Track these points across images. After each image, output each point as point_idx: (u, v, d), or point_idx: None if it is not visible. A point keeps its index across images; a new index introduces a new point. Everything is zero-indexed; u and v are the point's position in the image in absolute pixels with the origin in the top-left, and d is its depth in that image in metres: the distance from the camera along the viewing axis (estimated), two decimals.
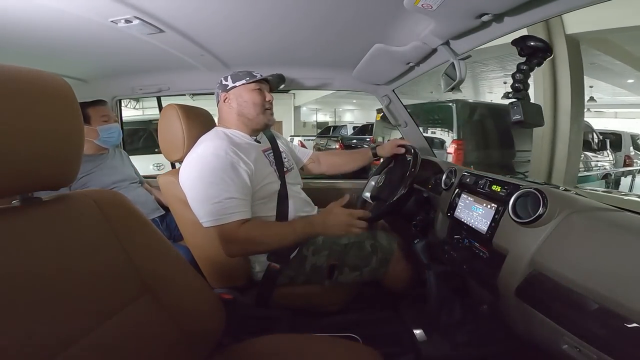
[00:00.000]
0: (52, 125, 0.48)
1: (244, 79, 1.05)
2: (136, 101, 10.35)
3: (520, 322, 0.73)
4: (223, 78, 1.08)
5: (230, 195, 0.91)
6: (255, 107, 1.05)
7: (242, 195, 0.93)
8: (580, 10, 0.65)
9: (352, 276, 1.06)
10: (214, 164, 0.91)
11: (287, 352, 0.71)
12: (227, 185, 0.91)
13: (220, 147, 0.93)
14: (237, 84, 1.05)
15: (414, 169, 1.09)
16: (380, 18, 0.90)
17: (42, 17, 0.87)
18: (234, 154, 0.94)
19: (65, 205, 0.54)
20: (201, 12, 0.88)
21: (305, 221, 0.98)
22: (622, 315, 0.48)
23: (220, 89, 1.08)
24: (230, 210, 0.90)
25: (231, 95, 1.06)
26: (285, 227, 0.99)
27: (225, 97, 1.06)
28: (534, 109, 0.79)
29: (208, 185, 0.90)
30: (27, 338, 0.42)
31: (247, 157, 0.97)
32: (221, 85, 1.07)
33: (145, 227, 0.64)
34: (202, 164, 0.92)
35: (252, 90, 1.06)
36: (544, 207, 0.65)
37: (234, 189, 0.91)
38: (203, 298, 0.69)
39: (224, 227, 0.90)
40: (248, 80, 1.05)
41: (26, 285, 0.44)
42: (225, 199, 0.90)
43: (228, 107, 1.07)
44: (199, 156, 0.94)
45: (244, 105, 1.05)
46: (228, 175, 0.91)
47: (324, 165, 1.43)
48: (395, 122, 1.58)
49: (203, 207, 0.91)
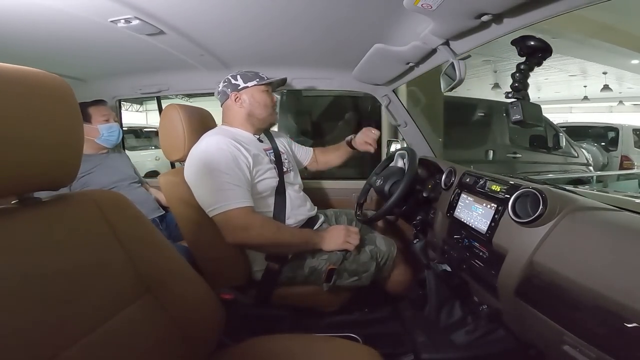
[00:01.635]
0: (52, 125, 0.48)
1: (254, 80, 1.08)
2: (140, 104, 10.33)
3: (520, 322, 0.73)
4: (231, 77, 1.09)
5: (234, 183, 0.94)
6: (266, 108, 1.10)
7: (244, 185, 0.96)
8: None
9: (351, 281, 1.07)
10: (216, 157, 0.94)
11: (287, 352, 0.71)
12: (229, 176, 0.94)
13: (222, 142, 0.97)
14: (250, 85, 1.07)
15: (412, 170, 1.10)
16: (380, 18, 0.90)
17: (41, 16, 0.87)
18: (235, 147, 0.97)
19: (65, 205, 0.54)
20: (201, 12, 0.88)
21: (312, 232, 1.09)
22: (622, 314, 0.48)
23: (229, 87, 1.08)
24: (234, 198, 0.93)
25: (243, 95, 1.08)
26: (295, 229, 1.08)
27: (236, 97, 1.07)
28: (534, 109, 0.79)
29: (212, 177, 0.93)
30: (28, 338, 0.42)
31: (247, 151, 1.00)
32: (230, 84, 1.08)
33: (145, 227, 0.64)
34: (205, 158, 0.95)
35: (262, 92, 1.10)
36: (544, 207, 0.65)
37: (236, 179, 0.94)
38: (203, 298, 0.69)
39: (230, 214, 0.92)
40: (259, 82, 1.08)
41: (26, 286, 0.44)
42: (228, 188, 0.93)
43: (239, 106, 1.08)
44: (201, 151, 0.97)
45: (256, 105, 1.08)
46: (230, 167, 0.94)
47: (320, 162, 1.46)
48: (395, 122, 1.58)
49: (208, 198, 0.94)
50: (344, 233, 1.05)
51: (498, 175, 0.95)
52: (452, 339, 0.98)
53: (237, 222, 0.93)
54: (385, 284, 1.17)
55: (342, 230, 1.06)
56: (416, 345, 0.98)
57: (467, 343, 0.96)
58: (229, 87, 1.08)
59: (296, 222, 1.11)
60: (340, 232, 1.05)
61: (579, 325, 0.55)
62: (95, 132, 1.35)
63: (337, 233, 1.06)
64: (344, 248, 1.05)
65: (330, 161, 1.46)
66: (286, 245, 1.01)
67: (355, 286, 1.08)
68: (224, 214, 0.92)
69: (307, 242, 1.03)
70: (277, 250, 1.03)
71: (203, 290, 0.70)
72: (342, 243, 1.04)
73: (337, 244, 1.04)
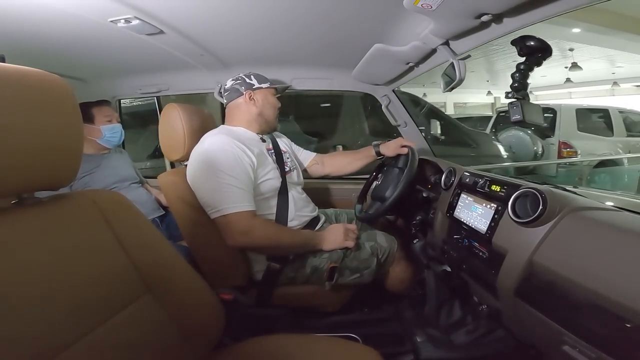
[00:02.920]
0: (51, 126, 0.48)
1: (267, 83, 1.11)
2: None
3: (520, 322, 0.73)
4: (245, 77, 1.10)
5: (236, 186, 0.93)
6: (275, 110, 1.13)
7: (246, 188, 0.96)
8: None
9: (353, 278, 1.07)
10: (220, 158, 0.94)
11: (287, 352, 0.71)
12: (232, 178, 0.93)
13: (226, 142, 0.97)
14: (264, 86, 1.10)
15: (412, 169, 1.09)
16: (380, 18, 0.90)
17: (41, 16, 0.87)
18: (239, 148, 0.97)
19: (65, 205, 0.54)
20: (201, 11, 0.88)
21: (312, 232, 1.09)
22: (621, 315, 0.48)
23: (244, 86, 1.08)
24: (236, 201, 0.93)
25: (258, 95, 1.09)
26: (295, 231, 1.08)
27: (250, 95, 1.08)
28: (534, 109, 0.80)
29: (214, 178, 0.93)
30: (28, 338, 0.42)
31: (251, 152, 0.99)
32: (245, 82, 1.09)
33: (145, 227, 0.64)
34: (208, 158, 0.95)
35: (273, 95, 1.13)
36: (544, 207, 0.65)
37: (239, 182, 0.94)
38: (203, 298, 0.69)
39: (231, 217, 0.92)
40: (271, 85, 1.11)
41: (26, 286, 0.44)
42: (230, 190, 0.93)
43: (252, 105, 1.09)
44: (205, 151, 0.97)
45: (268, 107, 1.11)
46: (233, 168, 0.94)
47: (328, 166, 1.41)
48: (395, 122, 1.58)
49: (210, 199, 0.94)
50: (343, 231, 1.06)
51: (498, 175, 0.95)
52: (452, 338, 0.98)
53: (237, 226, 0.93)
54: (385, 282, 1.17)
55: (340, 229, 1.07)
56: (416, 345, 0.98)
57: (466, 343, 0.96)
58: (244, 85, 1.08)
59: (300, 223, 1.11)
60: (339, 231, 1.06)
61: (578, 325, 0.55)
62: (97, 133, 1.35)
63: (336, 232, 1.06)
64: (344, 246, 1.05)
65: (344, 165, 1.40)
66: (287, 247, 1.02)
67: (357, 283, 1.09)
68: (225, 217, 0.92)
69: (307, 243, 1.03)
70: (277, 252, 1.03)
71: (203, 290, 0.70)
72: (341, 242, 1.05)
73: (337, 242, 1.05)
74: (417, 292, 1.13)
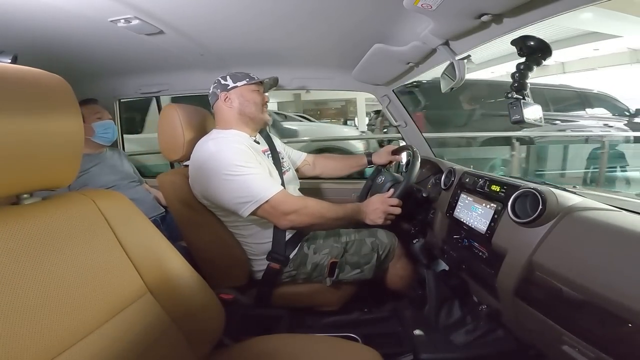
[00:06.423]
0: (51, 126, 0.48)
1: (244, 80, 1.06)
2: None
3: (519, 322, 0.73)
4: (221, 78, 1.08)
5: (261, 173, 0.94)
6: (256, 106, 1.08)
7: (267, 172, 0.96)
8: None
9: (353, 274, 1.07)
10: (230, 155, 0.93)
11: (287, 352, 0.71)
12: (252, 167, 0.94)
13: (227, 140, 0.97)
14: (239, 84, 1.06)
15: (414, 170, 1.08)
16: (380, 18, 0.90)
17: (41, 16, 0.87)
18: (240, 143, 0.97)
19: (64, 205, 0.54)
20: (201, 12, 0.88)
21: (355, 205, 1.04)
22: (621, 314, 0.48)
23: (219, 88, 1.07)
24: (270, 184, 0.93)
25: (232, 94, 1.06)
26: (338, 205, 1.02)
27: (225, 97, 1.06)
28: (534, 109, 0.80)
29: (237, 175, 0.91)
30: (28, 338, 0.42)
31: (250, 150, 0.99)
32: (220, 84, 1.07)
33: (144, 227, 0.64)
34: (220, 160, 0.92)
35: (252, 91, 1.08)
36: (543, 207, 0.65)
37: (260, 168, 0.95)
38: (203, 298, 0.69)
39: (274, 200, 0.91)
40: (249, 82, 1.07)
41: (26, 286, 0.44)
42: (257, 178, 0.93)
43: (229, 106, 1.06)
44: (212, 155, 0.94)
45: (246, 104, 1.06)
46: (248, 160, 0.94)
47: (318, 168, 1.43)
48: (395, 123, 1.58)
49: (238, 197, 0.91)
50: (382, 208, 1.00)
51: (498, 175, 0.95)
52: (452, 338, 0.98)
53: (286, 206, 0.92)
54: (385, 279, 1.17)
55: (378, 204, 1.01)
56: (416, 345, 0.99)
57: (466, 343, 0.96)
58: (219, 88, 1.07)
59: None
60: (378, 207, 1.01)
61: (578, 325, 0.55)
62: (89, 131, 1.35)
63: (375, 208, 1.01)
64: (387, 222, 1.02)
65: (334, 169, 1.44)
66: (332, 222, 1.00)
67: (358, 279, 1.08)
68: (269, 203, 0.91)
69: (352, 217, 1.01)
70: (323, 227, 1.03)
71: (203, 290, 0.70)
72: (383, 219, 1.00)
73: (380, 219, 1.00)
74: (417, 292, 1.13)
